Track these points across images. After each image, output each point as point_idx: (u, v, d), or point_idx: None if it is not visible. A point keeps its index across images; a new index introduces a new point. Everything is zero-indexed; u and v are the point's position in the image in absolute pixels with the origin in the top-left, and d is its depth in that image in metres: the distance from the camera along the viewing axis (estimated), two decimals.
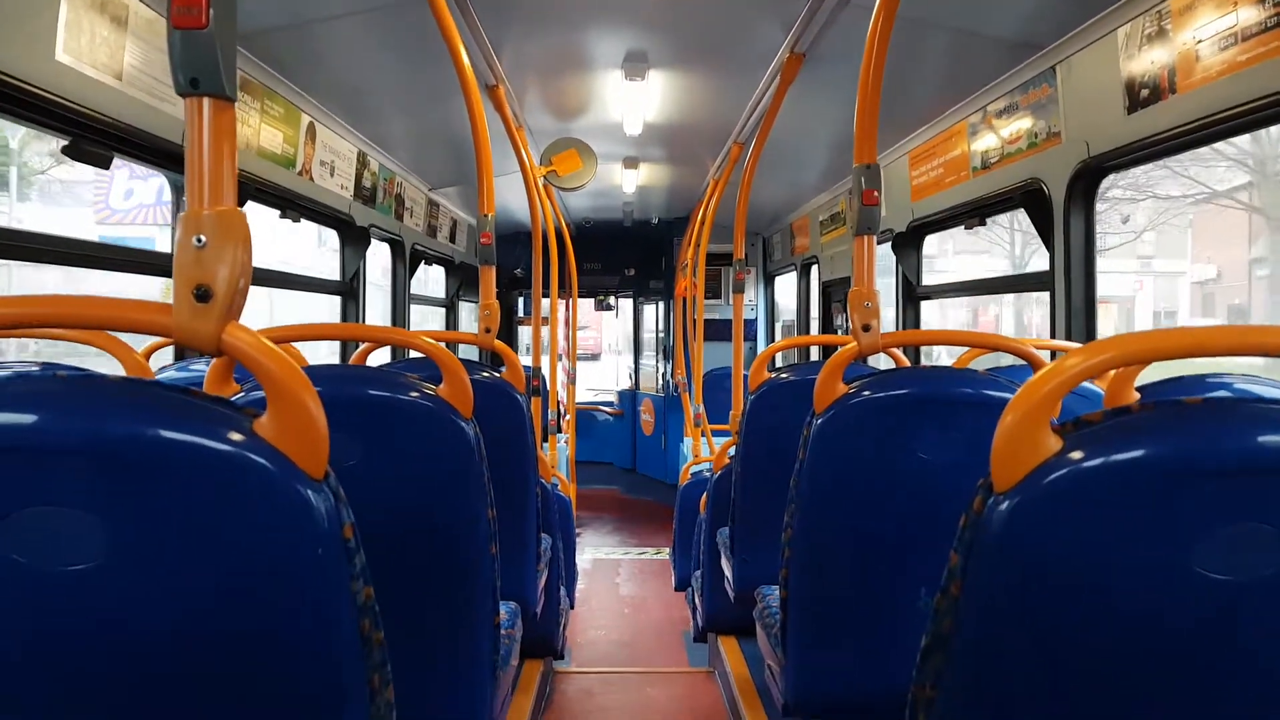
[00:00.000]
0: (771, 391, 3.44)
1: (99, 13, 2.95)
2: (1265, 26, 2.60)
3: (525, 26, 4.32)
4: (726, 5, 4.00)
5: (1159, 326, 26.55)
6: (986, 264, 23.41)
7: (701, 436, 7.21)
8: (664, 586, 7.75)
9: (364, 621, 1.26)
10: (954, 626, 1.28)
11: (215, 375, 2.14)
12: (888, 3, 2.35)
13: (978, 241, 20.77)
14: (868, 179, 2.39)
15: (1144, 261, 26.87)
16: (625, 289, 12.78)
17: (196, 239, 1.22)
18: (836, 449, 2.38)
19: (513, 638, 2.83)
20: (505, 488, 2.56)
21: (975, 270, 20.21)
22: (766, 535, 3.01)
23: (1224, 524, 1.16)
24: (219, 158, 1.25)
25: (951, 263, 23.90)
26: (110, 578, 1.15)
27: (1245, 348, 1.28)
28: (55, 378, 1.20)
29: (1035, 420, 1.20)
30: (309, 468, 1.18)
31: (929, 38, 3.99)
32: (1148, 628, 1.21)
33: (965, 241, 21.18)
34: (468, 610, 2.27)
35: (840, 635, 2.53)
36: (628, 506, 11.85)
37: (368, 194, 5.89)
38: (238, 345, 1.21)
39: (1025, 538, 1.21)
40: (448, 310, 9.15)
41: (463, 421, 2.16)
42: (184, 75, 1.23)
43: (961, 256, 24.07)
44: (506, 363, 3.22)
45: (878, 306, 2.40)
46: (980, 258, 23.63)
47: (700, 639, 5.56)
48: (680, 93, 5.45)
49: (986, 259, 23.56)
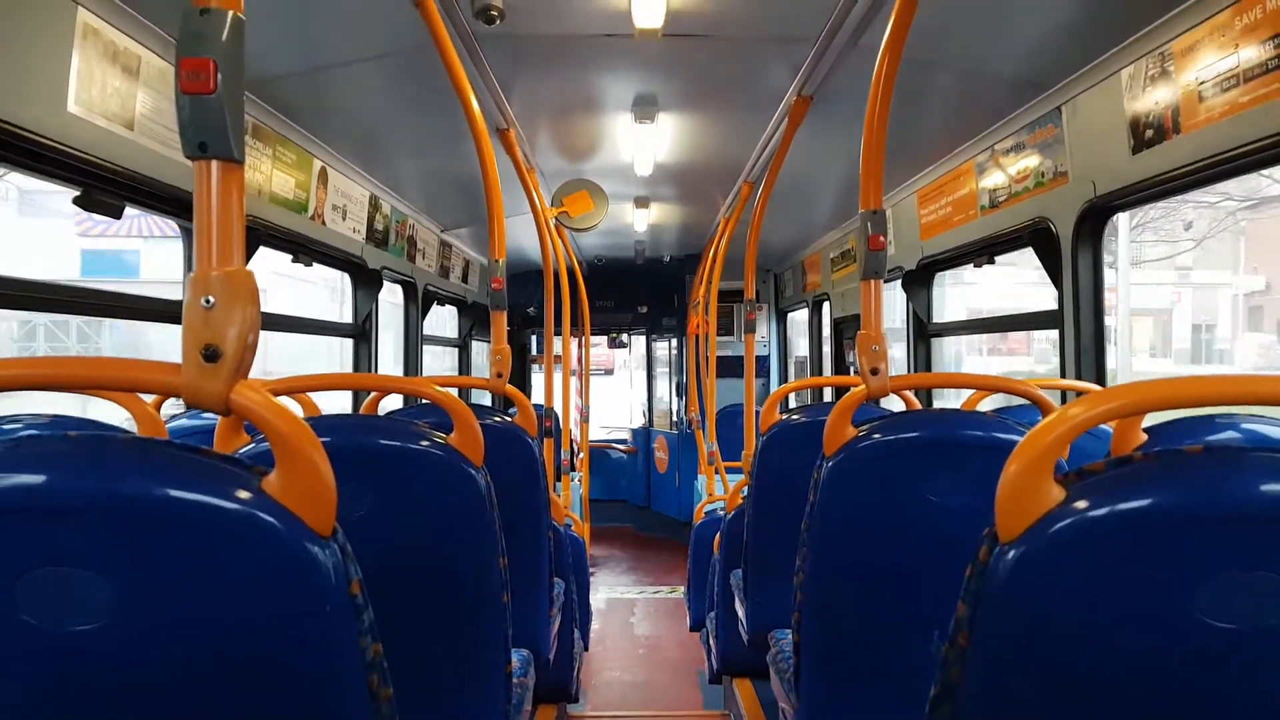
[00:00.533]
0: (782, 433, 3.44)
1: (111, 63, 2.98)
2: (1267, 68, 2.62)
3: (535, 71, 4.36)
4: (734, 49, 4.04)
5: (1199, 342, 26.04)
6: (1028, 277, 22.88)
7: (715, 474, 7.19)
8: (679, 626, 7.70)
9: (372, 677, 1.26)
10: (961, 676, 1.28)
11: (224, 431, 2.15)
12: (892, 47, 2.37)
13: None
14: (874, 225, 2.40)
15: (1182, 273, 25.94)
16: (638, 326, 12.76)
17: (205, 300, 1.23)
18: (847, 492, 2.37)
19: (525, 686, 2.81)
20: (517, 534, 2.56)
21: (1016, 286, 19.74)
22: (779, 578, 3.00)
23: (1228, 572, 1.16)
24: (227, 219, 1.27)
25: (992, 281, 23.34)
26: (118, 637, 1.16)
27: (1248, 397, 1.29)
28: (66, 438, 1.22)
29: (1038, 470, 1.20)
30: (317, 525, 1.19)
31: (936, 78, 4.02)
32: (1154, 677, 1.21)
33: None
34: (479, 661, 2.27)
35: (853, 680, 2.51)
36: (642, 544, 11.81)
37: (380, 237, 5.92)
38: (246, 405, 1.22)
39: (1031, 588, 1.21)
40: (460, 350, 9.17)
41: (473, 470, 2.17)
42: (193, 139, 1.25)
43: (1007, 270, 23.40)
44: (518, 406, 3.23)
45: (885, 350, 2.41)
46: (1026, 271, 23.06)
47: (715, 681, 5.53)
48: (690, 134, 5.49)
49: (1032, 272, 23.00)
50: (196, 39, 1.24)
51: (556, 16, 3.67)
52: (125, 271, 17.94)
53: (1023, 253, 4.20)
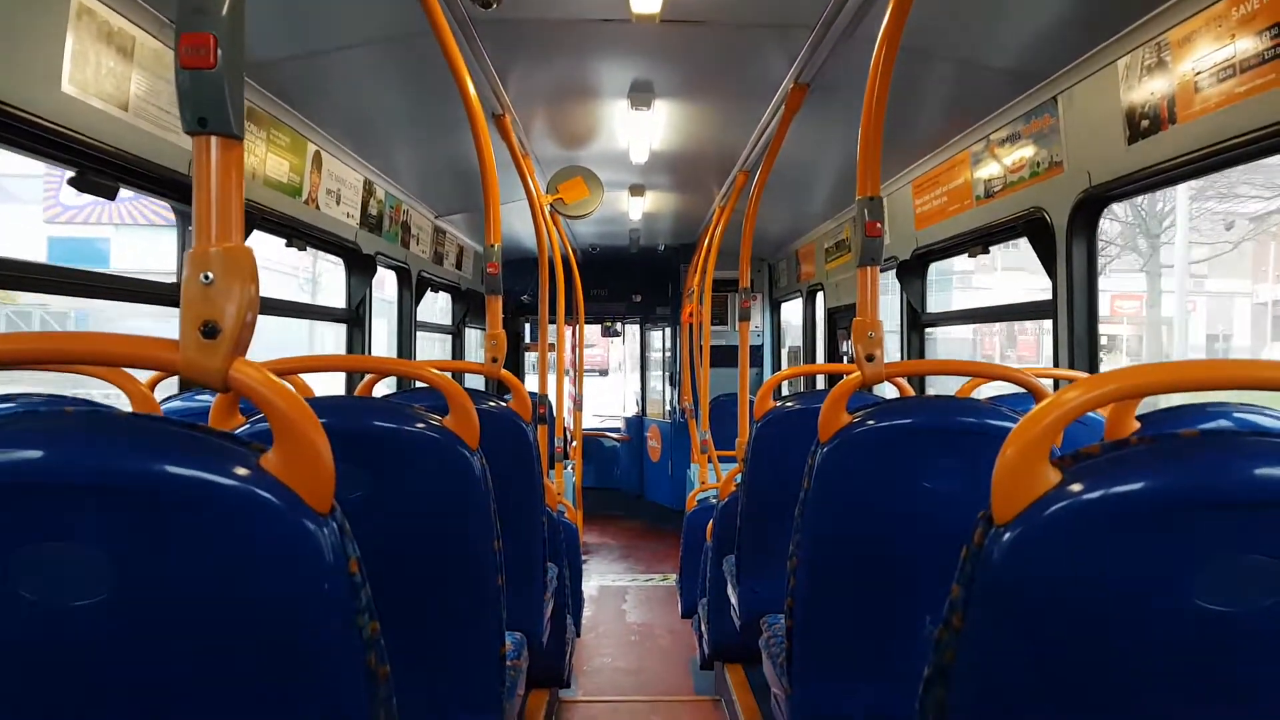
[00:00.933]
0: (776, 420, 3.45)
1: (105, 44, 2.97)
2: (1264, 58, 2.62)
3: (531, 57, 4.36)
4: (731, 36, 4.04)
5: (1214, 353, 25.75)
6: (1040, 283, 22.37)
7: (708, 463, 7.20)
8: (670, 613, 7.72)
9: (370, 655, 1.27)
10: (955, 658, 1.29)
11: (220, 409, 2.15)
12: (890, 35, 2.37)
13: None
14: (871, 211, 2.40)
15: (1197, 280, 24.81)
16: (632, 315, 12.77)
17: (204, 276, 1.23)
18: (841, 478, 2.38)
19: (519, 669, 2.82)
20: (511, 517, 2.56)
21: (1027, 293, 19.50)
22: (772, 564, 3.01)
23: (1221, 556, 1.17)
24: (227, 195, 1.27)
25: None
26: (116, 612, 1.16)
27: (1245, 381, 1.29)
28: (63, 414, 1.22)
29: (1034, 453, 1.21)
30: (315, 502, 1.19)
31: (932, 68, 4.02)
32: (1147, 658, 1.22)
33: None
34: (473, 642, 2.28)
35: (846, 665, 2.52)
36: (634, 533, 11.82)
37: (374, 222, 5.91)
38: (245, 381, 1.22)
39: (1025, 570, 1.21)
40: (454, 337, 9.16)
41: (468, 452, 2.17)
42: (192, 114, 1.25)
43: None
44: (513, 391, 3.23)
45: (881, 336, 2.42)
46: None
47: (707, 667, 5.54)
48: (686, 122, 5.49)
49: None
50: (197, 13, 1.24)
51: (553, 1, 3.66)
52: (95, 260, 17.60)
53: (1031, 257, 4.19)
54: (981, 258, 5.11)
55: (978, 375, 3.02)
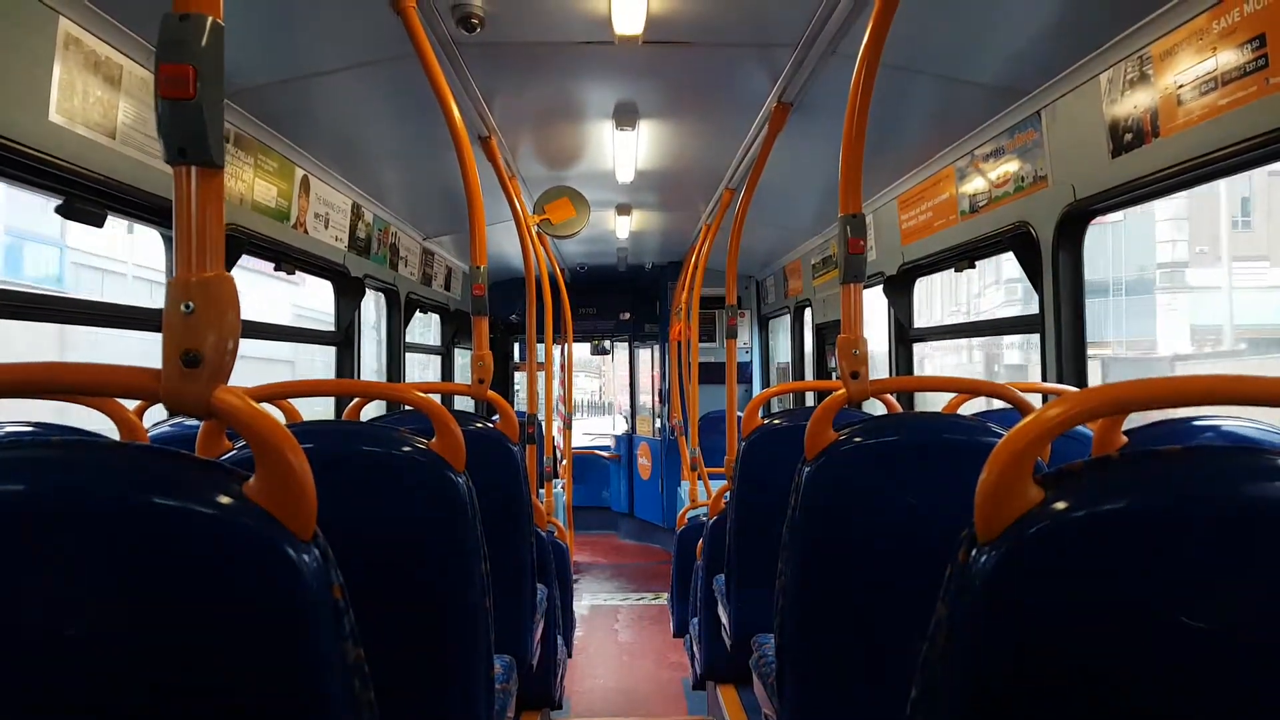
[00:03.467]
0: (764, 438, 3.44)
1: (92, 73, 2.97)
2: (1244, 71, 2.64)
3: (516, 78, 4.36)
4: (714, 56, 4.05)
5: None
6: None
7: (699, 480, 7.20)
8: (662, 632, 7.70)
9: (354, 682, 1.26)
10: (941, 677, 1.28)
11: (206, 436, 2.14)
12: (870, 53, 2.38)
13: None
14: (853, 229, 2.41)
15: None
16: (621, 333, 12.80)
17: (185, 305, 1.23)
18: (827, 496, 2.37)
19: (508, 692, 2.81)
20: (500, 539, 2.55)
21: None
22: (761, 582, 3.00)
23: (1206, 573, 1.17)
24: (206, 224, 1.26)
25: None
26: (99, 640, 1.15)
27: (1232, 396, 1.29)
28: (49, 443, 1.21)
29: (1017, 471, 1.21)
30: (297, 529, 1.18)
31: (916, 84, 4.03)
32: (1132, 676, 1.21)
33: None
34: (462, 666, 2.26)
35: (835, 685, 2.51)
36: (625, 551, 11.80)
37: (362, 245, 5.91)
38: (226, 409, 1.22)
39: (1008, 589, 1.21)
40: (443, 357, 9.15)
41: (455, 475, 2.17)
42: (172, 144, 1.25)
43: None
44: (500, 412, 3.22)
45: (866, 353, 2.42)
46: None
47: (699, 687, 5.52)
48: (671, 141, 5.50)
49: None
50: (176, 45, 1.24)
51: (537, 24, 3.67)
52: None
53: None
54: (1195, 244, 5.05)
55: (963, 391, 3.02)
